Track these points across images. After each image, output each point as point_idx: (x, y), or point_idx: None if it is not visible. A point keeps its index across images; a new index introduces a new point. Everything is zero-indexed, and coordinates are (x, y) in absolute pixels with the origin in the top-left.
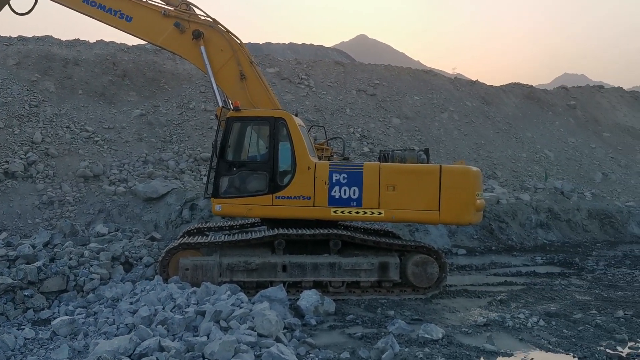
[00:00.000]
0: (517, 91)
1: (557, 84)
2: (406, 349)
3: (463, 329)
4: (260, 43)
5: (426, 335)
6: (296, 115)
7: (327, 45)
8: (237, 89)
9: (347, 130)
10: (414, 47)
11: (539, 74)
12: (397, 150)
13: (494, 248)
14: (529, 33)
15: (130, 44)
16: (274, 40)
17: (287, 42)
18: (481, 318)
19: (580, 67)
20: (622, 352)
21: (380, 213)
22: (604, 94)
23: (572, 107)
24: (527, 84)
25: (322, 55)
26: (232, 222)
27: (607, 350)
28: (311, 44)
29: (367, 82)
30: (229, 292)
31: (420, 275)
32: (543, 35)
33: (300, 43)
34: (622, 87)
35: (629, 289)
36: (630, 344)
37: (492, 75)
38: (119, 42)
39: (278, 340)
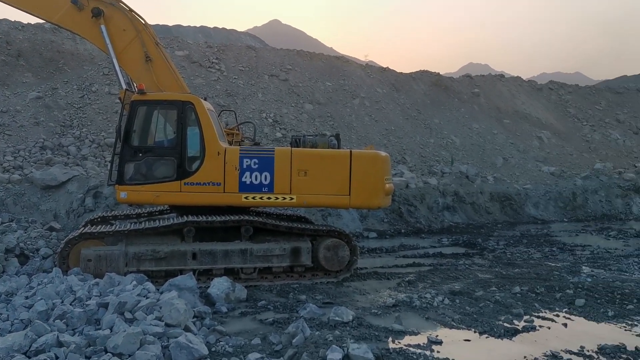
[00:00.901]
0: (426, 79)
1: (463, 72)
2: (317, 333)
3: (373, 311)
4: (170, 25)
5: (337, 318)
6: (205, 100)
7: (239, 30)
8: (142, 71)
9: (259, 115)
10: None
11: (446, 62)
12: (308, 136)
13: (403, 231)
14: (438, 23)
15: (26, 22)
16: (184, 23)
17: (198, 25)
18: (390, 299)
19: (485, 57)
20: (518, 325)
21: (292, 198)
22: (504, 82)
23: (476, 95)
24: (435, 72)
25: (234, 40)
26: (139, 210)
27: (505, 324)
28: (223, 28)
29: (280, 67)
30: (134, 282)
31: (331, 259)
32: (452, 26)
33: (212, 26)
34: (520, 77)
35: (525, 266)
36: (525, 317)
37: (402, 62)
38: (12, 20)
39: (187, 329)
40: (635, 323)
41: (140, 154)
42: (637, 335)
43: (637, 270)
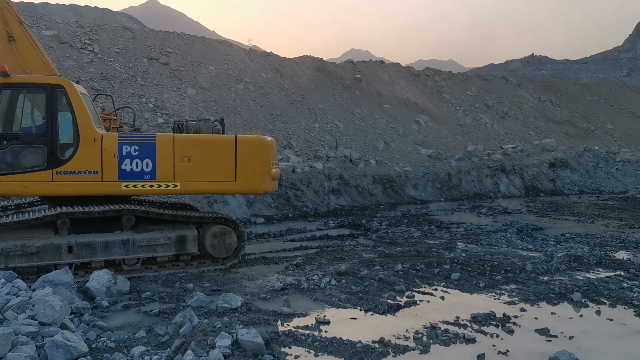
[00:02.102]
0: (309, 64)
1: (345, 58)
2: (205, 321)
3: (261, 295)
4: (36, 2)
5: (225, 305)
6: (77, 83)
7: (114, 9)
8: (4, 51)
9: (138, 100)
10: (210, 17)
11: (329, 48)
12: (191, 121)
13: (290, 215)
14: (321, 8)
15: None
16: (52, 1)
17: (67, 4)
18: (278, 283)
19: (366, 44)
20: (400, 301)
21: (175, 186)
22: (385, 68)
23: (358, 81)
24: (318, 57)
25: (108, 20)
26: (5, 203)
27: (389, 301)
28: (96, 7)
29: (159, 50)
30: (3, 280)
31: (218, 246)
32: (335, 11)
33: (83, 5)
34: (399, 63)
35: (406, 244)
36: (407, 293)
37: (286, 47)
38: None
39: (64, 327)
40: (503, 292)
41: (5, 142)
42: (504, 303)
43: (504, 244)
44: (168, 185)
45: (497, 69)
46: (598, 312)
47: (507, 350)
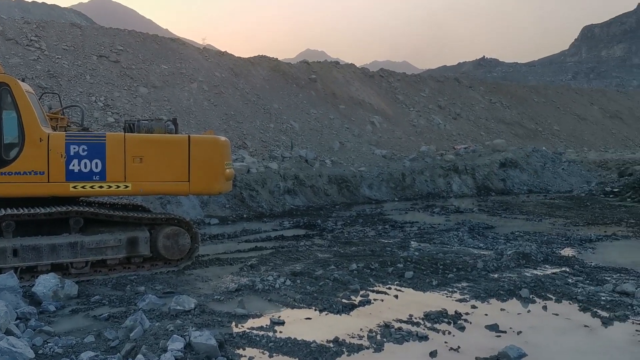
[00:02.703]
0: (265, 64)
1: (301, 58)
2: (157, 324)
3: (215, 297)
4: None
5: (178, 307)
6: (23, 81)
7: (62, 6)
8: None
9: (87, 98)
10: (162, 14)
11: (284, 48)
12: (143, 120)
13: (245, 216)
14: (277, 8)
15: None
16: None
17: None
18: (233, 284)
19: (321, 44)
20: (355, 300)
21: (126, 186)
22: (340, 69)
23: (313, 81)
24: (274, 57)
25: (56, 16)
26: None
27: (343, 300)
28: (43, 3)
29: (110, 47)
30: None
31: (171, 248)
32: (290, 11)
33: (30, 1)
34: (354, 64)
35: (361, 244)
36: (361, 292)
37: (240, 47)
38: None
39: (9, 332)
40: (455, 290)
41: None
42: (456, 300)
43: (456, 243)
44: (119, 186)
45: (449, 71)
46: (545, 308)
47: (459, 347)
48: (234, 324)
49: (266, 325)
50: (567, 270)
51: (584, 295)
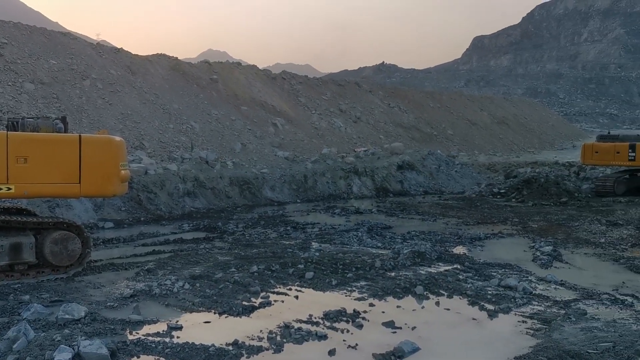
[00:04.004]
0: (164, 62)
1: (202, 58)
2: (42, 334)
3: (108, 304)
4: None
5: (67, 316)
6: None
7: None
8: None
9: None
10: (52, 7)
11: (185, 47)
12: (29, 118)
13: (142, 219)
14: (178, 5)
15: None
16: None
17: None
18: (128, 290)
19: (224, 45)
20: (255, 302)
21: (9, 189)
22: (242, 70)
23: (214, 81)
24: (173, 56)
25: None
26: None
27: (244, 303)
28: None
29: None
30: None
31: (60, 254)
32: (191, 10)
33: None
34: (257, 66)
35: (262, 246)
36: (262, 294)
37: (138, 44)
38: None
39: None
40: (354, 289)
41: None
42: (355, 299)
43: (356, 243)
44: (1, 189)
45: (350, 75)
46: (437, 303)
47: (356, 344)
48: (128, 331)
49: (163, 330)
50: (459, 267)
51: (472, 290)
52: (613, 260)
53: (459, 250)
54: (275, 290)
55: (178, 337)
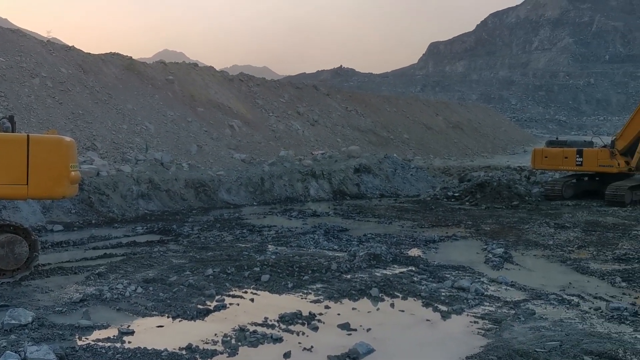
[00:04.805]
0: (117, 62)
1: (158, 58)
2: None
3: (57, 309)
4: None
5: (13, 322)
6: None
7: None
8: None
9: None
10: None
11: (140, 47)
12: None
13: (94, 221)
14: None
15: None
16: None
17: None
18: (77, 294)
19: (181, 46)
20: (210, 305)
21: None
22: (198, 71)
23: (170, 82)
24: (128, 56)
25: None
26: None
27: (198, 306)
28: None
29: None
30: None
31: (6, 257)
32: (147, 9)
33: None
34: (213, 67)
35: (217, 248)
36: (217, 297)
37: (91, 43)
38: None
39: None
40: (310, 291)
41: None
42: (310, 301)
43: (312, 245)
44: None
45: (308, 78)
46: (392, 305)
47: (312, 347)
48: (77, 336)
49: (114, 336)
50: (413, 269)
51: (427, 292)
52: (561, 262)
53: (414, 252)
54: (231, 293)
55: (129, 342)
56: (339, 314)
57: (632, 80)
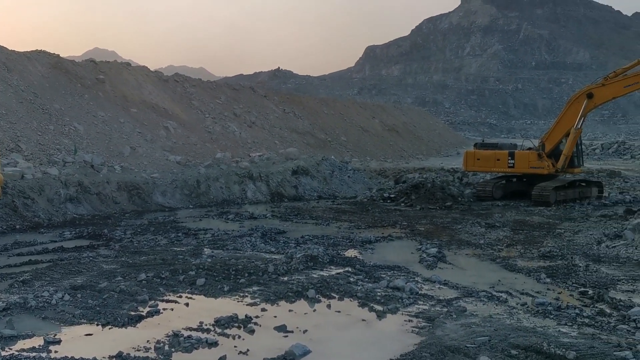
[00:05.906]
0: (44, 60)
1: (88, 57)
2: None
3: None
4: None
5: None
6: None
7: None
8: None
9: None
10: None
11: (69, 45)
12: None
13: (18, 227)
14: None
15: None
16: None
17: None
18: (0, 303)
19: (113, 44)
20: (142, 311)
21: None
22: (131, 71)
23: (101, 82)
24: (55, 54)
25: None
26: None
27: (130, 312)
28: None
29: None
30: None
31: None
32: (77, 6)
33: None
34: (147, 67)
35: (151, 253)
36: (150, 302)
37: (16, 40)
38: None
39: None
40: (246, 294)
41: None
42: (247, 304)
43: (249, 248)
44: None
45: (246, 80)
46: (329, 306)
47: (248, 350)
48: (0, 347)
49: (39, 345)
50: (350, 270)
51: (362, 292)
52: (491, 260)
53: (351, 253)
54: (165, 298)
55: (56, 352)
56: (275, 317)
57: (556, 86)
